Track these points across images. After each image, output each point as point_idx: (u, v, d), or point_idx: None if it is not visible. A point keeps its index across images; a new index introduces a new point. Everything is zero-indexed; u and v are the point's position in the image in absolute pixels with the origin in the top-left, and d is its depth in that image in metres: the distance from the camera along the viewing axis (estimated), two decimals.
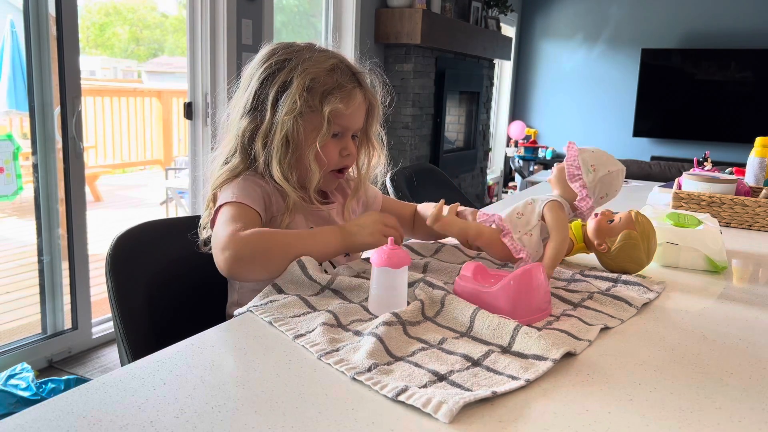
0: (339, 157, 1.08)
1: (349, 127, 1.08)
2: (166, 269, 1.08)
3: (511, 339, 0.76)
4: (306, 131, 1.03)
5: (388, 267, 0.83)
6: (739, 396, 0.68)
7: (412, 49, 3.98)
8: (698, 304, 1.00)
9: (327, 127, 1.02)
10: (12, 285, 3.02)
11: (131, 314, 0.99)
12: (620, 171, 1.05)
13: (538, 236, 1.01)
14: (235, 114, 1.07)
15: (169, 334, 0.83)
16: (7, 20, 3.55)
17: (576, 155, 1.04)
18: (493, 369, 0.70)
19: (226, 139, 1.09)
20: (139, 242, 1.05)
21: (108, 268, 1.00)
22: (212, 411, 0.60)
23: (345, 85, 1.04)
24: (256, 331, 0.79)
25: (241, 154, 1.06)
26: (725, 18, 5.59)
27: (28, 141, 2.35)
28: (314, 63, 1.04)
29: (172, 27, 6.85)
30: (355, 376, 0.66)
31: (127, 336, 0.96)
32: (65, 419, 0.57)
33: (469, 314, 0.82)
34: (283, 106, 1.01)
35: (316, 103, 1.02)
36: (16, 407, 1.86)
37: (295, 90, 1.01)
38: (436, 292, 0.88)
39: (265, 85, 1.03)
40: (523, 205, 1.05)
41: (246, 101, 1.05)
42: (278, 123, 1.02)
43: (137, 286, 0.94)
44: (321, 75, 1.03)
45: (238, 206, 0.98)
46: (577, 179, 1.03)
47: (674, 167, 3.21)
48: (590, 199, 1.02)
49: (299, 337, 0.75)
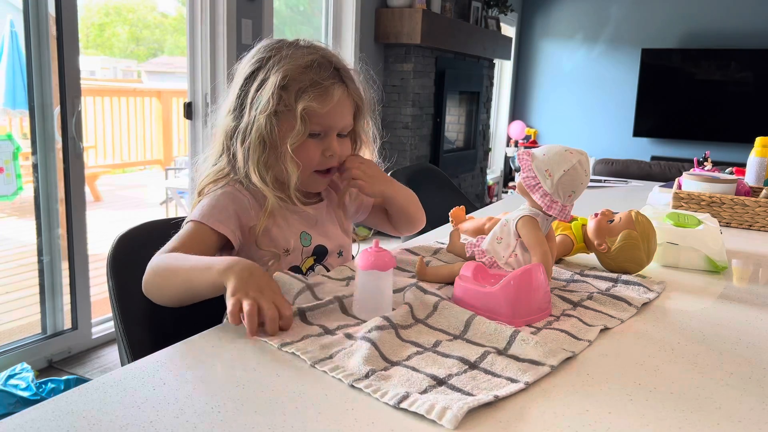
0: (322, 158, 1.02)
1: (332, 126, 1.02)
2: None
3: (507, 344, 0.75)
4: (282, 131, 0.98)
5: (375, 270, 0.82)
6: (739, 396, 0.68)
7: (412, 49, 3.98)
8: (698, 304, 1.00)
9: (301, 126, 0.97)
10: (12, 285, 3.01)
11: (132, 314, 0.98)
12: (577, 165, 0.97)
13: (521, 253, 0.99)
14: (222, 114, 1.05)
15: (170, 334, 0.83)
16: (7, 20, 3.55)
17: (529, 165, 0.99)
18: (491, 371, 0.69)
19: (215, 141, 1.06)
20: (141, 242, 1.04)
21: (109, 268, 1.00)
22: (212, 411, 0.60)
23: (321, 82, 0.99)
24: None
25: (226, 155, 1.03)
26: (725, 18, 5.59)
27: (28, 141, 2.35)
28: (291, 60, 0.99)
29: (171, 27, 6.84)
30: (353, 384, 0.65)
31: (128, 336, 0.96)
32: (65, 419, 0.57)
33: (465, 319, 0.81)
34: (259, 104, 0.98)
35: (291, 101, 0.98)
36: (16, 407, 1.86)
37: (269, 88, 0.97)
38: (428, 297, 0.87)
39: (247, 84, 1.01)
40: (500, 228, 1.02)
41: (231, 101, 1.03)
42: (253, 122, 0.98)
43: (138, 286, 0.93)
44: (296, 72, 0.98)
45: (197, 227, 0.96)
46: (537, 189, 0.98)
47: (674, 167, 3.21)
48: (558, 203, 0.97)
49: (286, 345, 0.73)
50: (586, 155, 0.99)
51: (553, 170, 0.97)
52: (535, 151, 1.00)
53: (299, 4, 3.81)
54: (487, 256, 1.02)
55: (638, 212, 1.12)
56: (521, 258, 0.99)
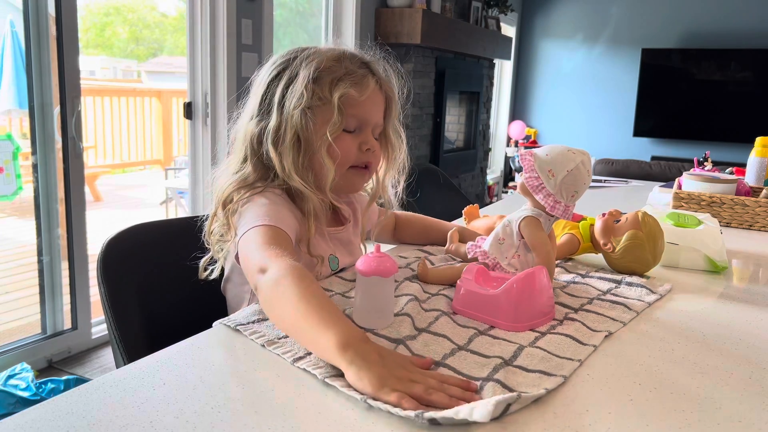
0: (358, 153, 1.00)
1: (367, 120, 0.99)
2: (159, 272, 1.05)
3: (512, 357, 0.73)
4: (317, 125, 0.95)
5: (377, 276, 0.78)
6: (739, 396, 0.68)
7: (412, 49, 3.98)
8: (698, 304, 1.00)
9: (338, 117, 0.94)
10: (12, 285, 3.01)
11: (125, 318, 0.96)
12: (580, 165, 0.96)
13: (525, 254, 0.98)
14: (243, 121, 1.01)
15: (165, 337, 0.82)
16: (7, 20, 3.55)
17: (532, 165, 0.98)
18: (507, 385, 0.66)
19: (236, 149, 1.02)
20: (130, 246, 1.02)
21: (100, 272, 0.96)
22: (212, 411, 0.60)
23: (355, 70, 0.98)
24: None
25: (252, 160, 0.98)
26: (725, 18, 5.59)
27: (27, 141, 2.35)
28: (319, 54, 0.97)
29: (171, 27, 6.84)
30: (368, 401, 0.61)
31: (123, 340, 0.93)
32: (65, 419, 0.57)
33: (468, 336, 0.79)
34: (292, 100, 0.95)
35: (325, 93, 0.95)
36: (16, 407, 1.86)
37: (301, 82, 0.95)
38: (428, 314, 0.85)
39: (272, 86, 0.98)
40: (502, 229, 1.01)
41: (253, 106, 1.00)
42: (286, 120, 0.95)
43: (130, 289, 0.91)
44: (328, 63, 0.96)
45: (273, 231, 0.87)
46: (540, 190, 0.97)
47: (674, 167, 3.21)
48: (561, 203, 0.97)
49: (299, 360, 0.70)
50: (589, 155, 0.99)
51: (556, 170, 0.96)
52: (537, 152, 0.99)
53: (299, 4, 3.81)
54: (490, 257, 1.01)
55: (645, 213, 1.11)
56: (524, 258, 0.98)
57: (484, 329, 0.82)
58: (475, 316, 0.85)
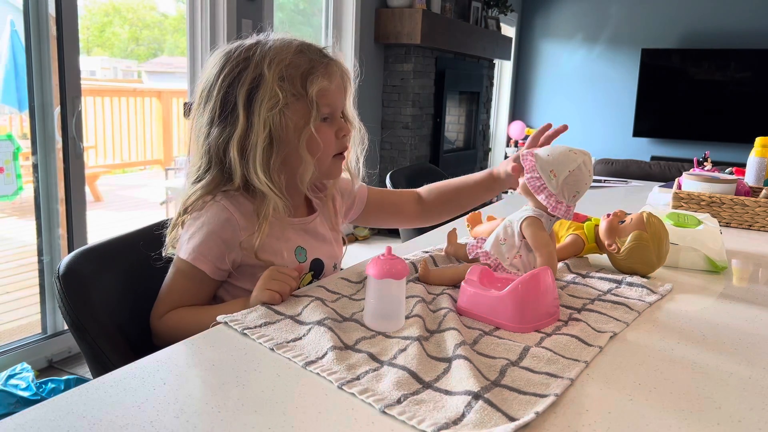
0: (336, 140, 1.01)
1: (337, 106, 1.00)
2: (126, 289, 1.00)
3: (519, 358, 0.73)
4: (293, 122, 0.95)
5: (391, 279, 0.78)
6: (739, 396, 0.68)
7: (412, 49, 3.98)
8: (698, 304, 1.00)
9: (316, 110, 0.95)
10: (12, 285, 3.01)
11: (104, 342, 0.92)
12: (581, 165, 0.96)
13: (527, 254, 0.98)
14: (201, 128, 0.97)
15: (149, 348, 0.81)
16: (7, 20, 3.55)
17: (533, 166, 0.97)
18: (515, 389, 0.66)
19: (195, 154, 0.99)
20: (91, 271, 0.98)
21: (64, 303, 0.95)
22: (212, 411, 0.60)
23: (320, 60, 0.97)
24: None
25: (215, 168, 0.97)
26: (725, 18, 5.59)
27: (28, 141, 2.35)
28: (277, 51, 0.95)
29: (171, 27, 6.84)
30: (385, 410, 0.61)
31: (96, 362, 0.90)
32: (65, 419, 0.57)
33: (473, 338, 0.79)
34: (262, 103, 0.92)
35: (298, 89, 0.94)
36: (16, 407, 1.86)
37: (270, 82, 0.92)
38: (436, 314, 0.85)
39: (233, 89, 0.94)
40: (503, 230, 1.01)
41: (213, 111, 0.96)
42: (258, 123, 0.92)
43: (100, 315, 0.90)
44: (291, 59, 0.95)
45: (190, 269, 0.95)
46: (542, 190, 0.96)
47: (674, 167, 3.21)
48: (563, 204, 0.96)
49: (311, 364, 0.70)
50: (590, 155, 0.99)
51: (558, 171, 0.96)
52: (538, 152, 0.99)
53: (299, 4, 3.81)
54: (492, 258, 1.01)
55: (650, 214, 1.10)
56: (526, 259, 0.98)
57: (490, 330, 0.82)
58: (480, 318, 0.85)
